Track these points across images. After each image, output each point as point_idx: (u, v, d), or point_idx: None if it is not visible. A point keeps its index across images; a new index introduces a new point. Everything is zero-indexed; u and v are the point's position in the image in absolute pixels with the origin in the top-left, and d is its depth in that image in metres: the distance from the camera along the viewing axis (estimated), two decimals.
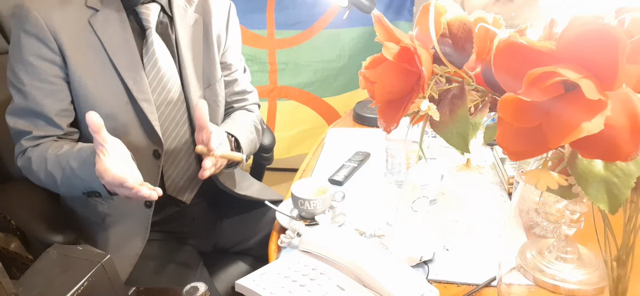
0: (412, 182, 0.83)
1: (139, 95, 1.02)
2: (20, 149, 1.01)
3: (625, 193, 0.44)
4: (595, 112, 0.39)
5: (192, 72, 1.11)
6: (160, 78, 1.05)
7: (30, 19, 0.95)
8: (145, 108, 1.03)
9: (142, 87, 1.03)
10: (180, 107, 1.10)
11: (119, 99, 1.02)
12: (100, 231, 1.09)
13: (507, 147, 0.46)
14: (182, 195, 1.15)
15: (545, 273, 0.61)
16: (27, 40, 0.96)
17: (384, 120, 0.54)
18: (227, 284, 1.17)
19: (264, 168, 1.51)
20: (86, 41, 0.99)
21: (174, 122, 1.09)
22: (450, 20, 0.54)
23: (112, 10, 1.01)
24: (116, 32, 1.01)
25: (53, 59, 0.97)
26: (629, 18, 0.45)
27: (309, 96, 2.26)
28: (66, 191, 1.00)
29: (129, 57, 1.02)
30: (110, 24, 1.00)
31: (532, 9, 1.51)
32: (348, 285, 0.74)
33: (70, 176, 0.95)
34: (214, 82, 1.17)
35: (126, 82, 1.01)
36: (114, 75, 1.00)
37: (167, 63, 1.07)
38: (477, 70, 0.54)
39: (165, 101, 1.07)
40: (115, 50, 1.00)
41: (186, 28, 1.11)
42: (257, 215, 1.27)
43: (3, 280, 0.59)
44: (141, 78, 1.03)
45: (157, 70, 1.05)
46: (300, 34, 2.17)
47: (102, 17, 1.00)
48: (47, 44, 0.96)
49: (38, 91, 0.97)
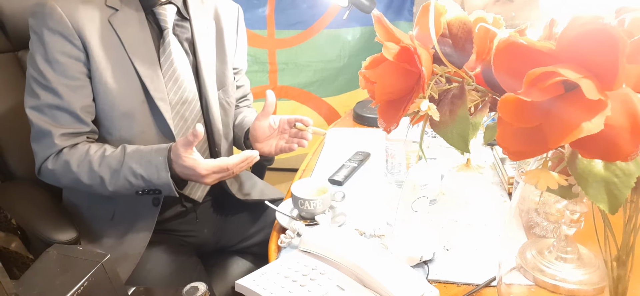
0: (412, 182, 0.83)
1: (156, 94, 1.03)
2: (51, 150, 0.99)
3: (625, 193, 0.44)
4: (595, 112, 0.39)
5: (209, 73, 1.14)
6: (176, 78, 1.07)
7: (55, 17, 0.96)
8: (162, 107, 1.04)
9: (159, 86, 1.04)
10: (194, 106, 1.11)
11: (136, 97, 1.03)
12: (106, 229, 1.09)
13: (507, 147, 0.46)
14: (195, 194, 1.16)
15: (545, 273, 0.61)
16: (51, 37, 0.97)
17: (384, 120, 0.54)
18: (227, 284, 1.17)
19: (265, 168, 1.52)
20: (106, 39, 1.00)
21: (188, 121, 1.11)
22: (450, 20, 0.54)
23: (131, 9, 1.02)
24: (135, 32, 1.02)
25: (78, 56, 0.98)
26: (629, 18, 0.45)
27: (309, 96, 2.26)
28: (115, 191, 1.00)
29: (147, 56, 1.03)
30: (130, 23, 1.02)
31: (532, 9, 1.51)
32: (348, 285, 0.74)
33: (129, 176, 0.98)
34: (227, 85, 1.19)
35: (144, 81, 1.02)
36: (133, 73, 1.02)
37: (183, 63, 1.08)
38: (477, 70, 0.54)
39: (180, 100, 1.08)
40: (134, 49, 1.02)
41: (202, 30, 1.13)
42: (258, 214, 1.27)
43: (3, 280, 0.59)
44: (158, 77, 1.04)
45: (173, 70, 1.06)
46: (300, 34, 2.17)
47: (122, 16, 1.01)
48: (72, 41, 0.97)
49: (65, 88, 0.98)
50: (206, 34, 1.14)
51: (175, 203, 1.15)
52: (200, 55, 1.12)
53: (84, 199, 1.12)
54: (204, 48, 1.13)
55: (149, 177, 0.98)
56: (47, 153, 1.00)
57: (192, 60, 1.12)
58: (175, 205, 1.16)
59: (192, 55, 1.12)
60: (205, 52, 1.13)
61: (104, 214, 1.09)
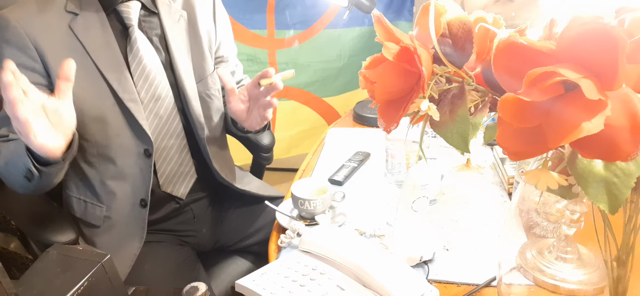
0: (412, 182, 0.83)
1: (125, 95, 1.02)
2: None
3: (625, 193, 0.44)
4: (595, 112, 0.39)
5: (184, 67, 1.11)
6: (147, 75, 1.05)
7: (10, 29, 0.96)
8: (132, 108, 1.03)
9: (127, 87, 1.03)
10: (169, 103, 1.09)
11: (105, 101, 1.02)
12: (100, 234, 1.09)
13: (507, 147, 0.46)
14: (177, 190, 1.15)
15: (545, 273, 0.61)
16: (7, 49, 0.96)
17: (384, 120, 0.54)
18: (227, 284, 1.17)
19: (264, 168, 1.52)
20: (68, 46, 0.98)
21: (164, 118, 1.09)
22: (450, 20, 0.54)
23: (91, 12, 1.01)
24: (97, 34, 1.01)
25: (33, 67, 0.97)
26: (629, 18, 0.45)
27: (309, 96, 2.26)
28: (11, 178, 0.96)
29: (112, 57, 1.02)
30: (91, 26, 1.01)
31: (532, 9, 1.51)
32: (348, 285, 0.74)
33: (18, 148, 0.92)
34: (205, 76, 1.17)
35: (111, 84, 1.01)
36: (99, 77, 1.01)
37: (153, 59, 1.06)
38: (477, 70, 0.54)
39: (153, 97, 1.06)
40: (98, 52, 1.00)
41: (172, 23, 1.11)
42: (258, 212, 1.26)
43: (3, 280, 0.59)
44: (126, 78, 1.03)
45: (143, 67, 1.05)
46: (300, 34, 2.17)
47: (82, 20, 1.00)
48: (27, 52, 0.96)
49: None
50: (177, 26, 1.12)
51: (165, 202, 1.15)
52: (173, 49, 1.10)
53: (77, 205, 1.11)
54: (176, 41, 1.11)
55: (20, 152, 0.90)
56: None
57: (164, 56, 1.09)
58: (166, 203, 1.15)
59: (164, 51, 1.10)
60: (178, 45, 1.11)
61: (95, 220, 1.09)
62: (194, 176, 1.17)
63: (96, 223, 1.09)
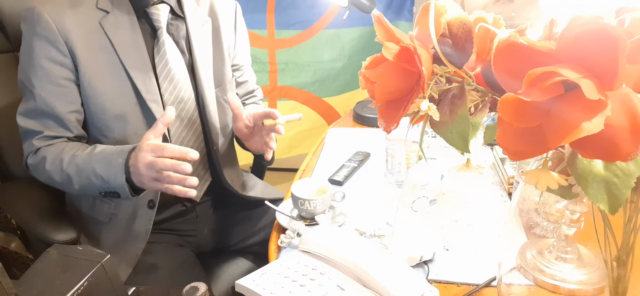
0: (412, 182, 0.83)
1: (148, 96, 1.03)
2: (31, 148, 1.01)
3: (625, 193, 0.44)
4: (595, 112, 0.39)
5: (205, 71, 1.13)
6: (172, 78, 1.07)
7: (41, 22, 0.96)
8: (154, 109, 1.04)
9: (151, 88, 1.04)
10: (190, 105, 1.11)
11: (128, 100, 1.03)
12: (104, 231, 1.09)
13: (507, 147, 0.46)
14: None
15: (545, 273, 0.61)
16: (38, 43, 0.97)
17: (384, 120, 0.54)
18: (227, 284, 1.17)
19: (265, 168, 1.51)
20: (97, 42, 1.00)
21: (185, 121, 1.10)
22: (450, 20, 0.54)
23: (122, 12, 1.02)
24: (126, 33, 1.02)
25: (63, 62, 0.98)
26: (629, 18, 0.45)
27: (309, 96, 2.26)
28: (81, 190, 1.00)
29: (139, 58, 1.03)
30: (121, 25, 1.02)
31: (532, 9, 1.51)
32: (348, 285, 0.74)
33: (90, 176, 0.96)
34: (224, 83, 1.19)
35: (135, 83, 1.02)
36: (124, 76, 1.02)
37: (178, 63, 1.08)
38: (477, 70, 0.54)
39: (176, 99, 1.08)
40: (125, 51, 1.01)
41: (197, 28, 1.13)
42: (259, 213, 1.27)
43: (3, 280, 0.59)
44: (150, 79, 1.04)
45: (168, 70, 1.06)
46: (300, 34, 2.17)
47: (113, 18, 1.01)
48: (58, 46, 0.97)
49: (48, 93, 0.98)
50: (202, 31, 1.14)
51: (174, 203, 1.15)
52: (196, 53, 1.11)
53: (85, 200, 1.12)
54: (200, 46, 1.12)
55: (107, 178, 0.95)
56: (28, 151, 1.02)
57: (188, 59, 1.11)
58: (174, 204, 1.16)
59: (188, 54, 1.11)
60: (202, 50, 1.13)
61: (102, 216, 1.09)
62: (209, 180, 1.18)
63: (103, 219, 1.09)
